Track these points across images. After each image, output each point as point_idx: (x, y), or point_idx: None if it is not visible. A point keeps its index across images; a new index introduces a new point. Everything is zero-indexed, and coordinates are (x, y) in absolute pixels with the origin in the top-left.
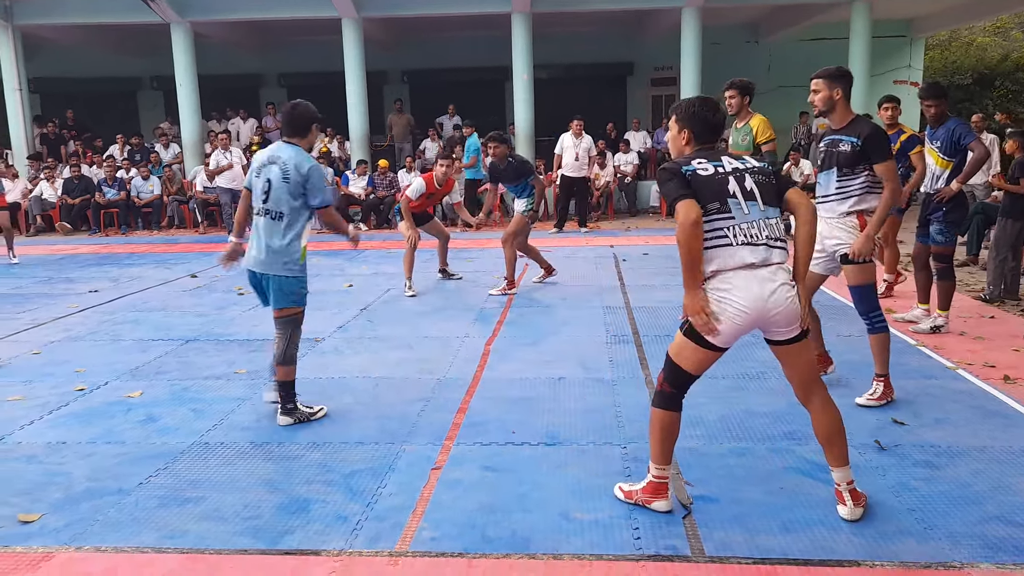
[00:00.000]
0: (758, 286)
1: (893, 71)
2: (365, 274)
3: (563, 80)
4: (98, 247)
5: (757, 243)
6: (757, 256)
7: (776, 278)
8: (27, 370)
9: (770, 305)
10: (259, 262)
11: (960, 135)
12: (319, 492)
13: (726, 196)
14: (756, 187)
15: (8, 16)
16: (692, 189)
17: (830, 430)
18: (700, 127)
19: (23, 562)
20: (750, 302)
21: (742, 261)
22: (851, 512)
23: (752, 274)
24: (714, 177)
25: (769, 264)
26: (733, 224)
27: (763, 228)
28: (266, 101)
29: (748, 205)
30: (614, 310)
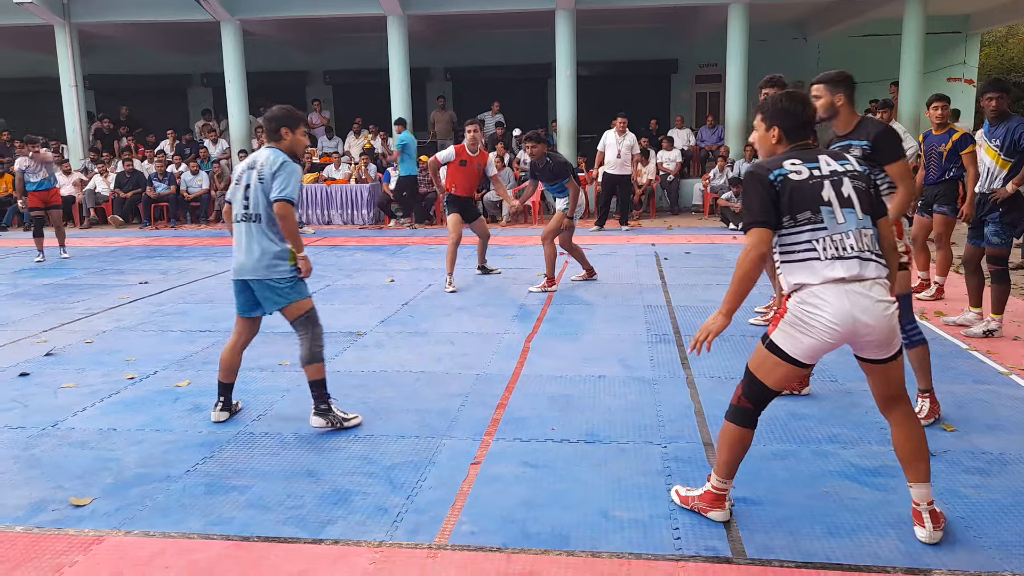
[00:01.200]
0: (849, 302)
1: (947, 68)
2: (406, 269)
3: (606, 77)
4: (148, 240)
5: (848, 256)
6: (849, 270)
7: (871, 294)
8: (80, 358)
9: (863, 323)
10: (246, 269)
11: (1021, 134)
12: (360, 484)
13: (819, 204)
14: (855, 193)
15: (66, 14)
16: (779, 200)
17: (911, 445)
18: (790, 123)
19: (75, 544)
20: (840, 319)
21: (831, 276)
22: (930, 535)
23: (844, 289)
24: (807, 182)
25: (863, 279)
26: (824, 236)
27: (858, 239)
28: (312, 98)
29: (844, 213)
30: (655, 309)
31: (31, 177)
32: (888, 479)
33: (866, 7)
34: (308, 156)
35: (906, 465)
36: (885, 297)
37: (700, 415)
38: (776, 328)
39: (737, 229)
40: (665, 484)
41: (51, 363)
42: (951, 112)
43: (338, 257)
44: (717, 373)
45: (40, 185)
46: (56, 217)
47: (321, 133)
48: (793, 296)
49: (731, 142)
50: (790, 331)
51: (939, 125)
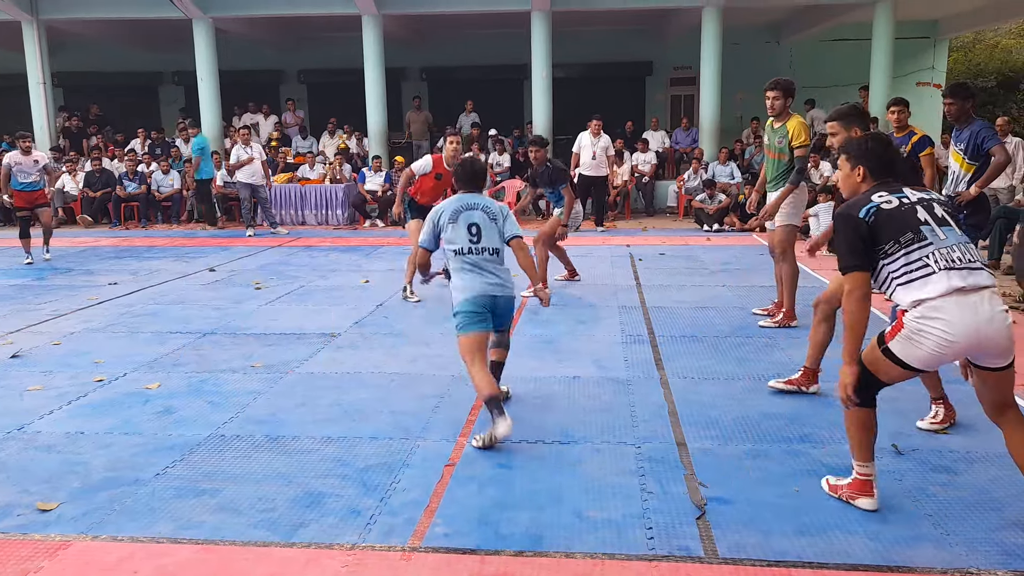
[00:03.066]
0: (972, 314)
1: (916, 73)
2: (382, 270)
3: (582, 79)
4: (118, 240)
5: (959, 267)
6: (965, 280)
7: (989, 304)
8: (47, 361)
9: (984, 334)
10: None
11: (983, 139)
12: (333, 486)
13: (918, 224)
14: (946, 214)
15: (33, 10)
16: (874, 236)
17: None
18: (874, 163)
19: (41, 550)
20: (960, 331)
21: (950, 287)
22: None
23: (964, 300)
24: (900, 208)
25: (980, 289)
26: (933, 250)
27: (964, 252)
28: (286, 97)
29: (943, 231)
30: (630, 310)
31: (20, 176)
32: None
33: (837, 12)
34: (282, 156)
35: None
36: (1002, 306)
37: (674, 415)
38: (894, 338)
39: (711, 231)
40: (639, 484)
41: (17, 365)
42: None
43: (312, 258)
44: (690, 374)
45: (28, 186)
46: (45, 216)
47: (295, 133)
48: (912, 311)
49: (705, 144)
50: (907, 343)
51: (899, 128)
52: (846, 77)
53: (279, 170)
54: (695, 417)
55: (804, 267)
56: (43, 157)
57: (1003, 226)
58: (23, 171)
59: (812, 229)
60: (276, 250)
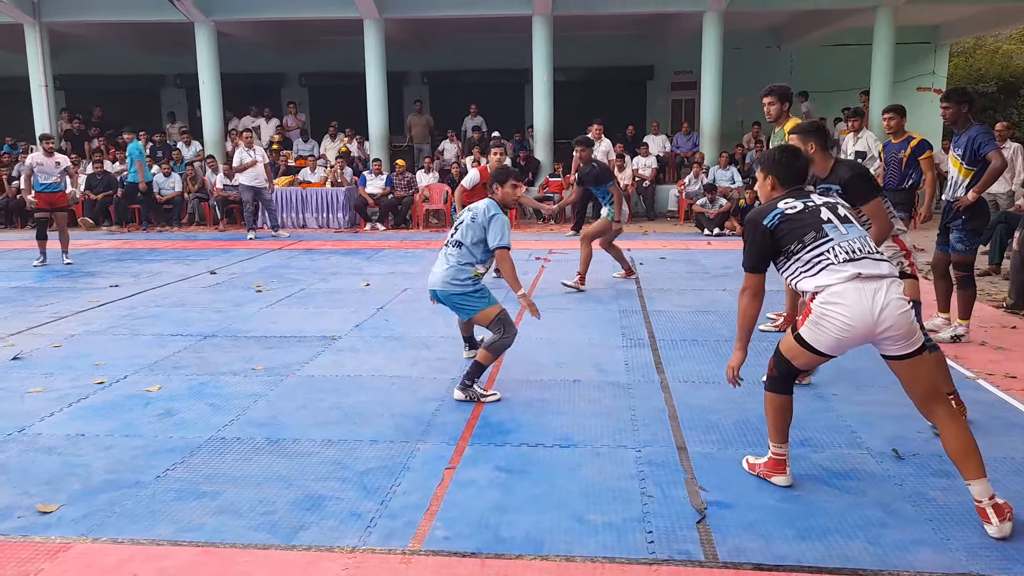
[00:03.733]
0: (869, 300)
1: (916, 78)
2: (383, 273)
3: (583, 83)
4: (119, 242)
5: (859, 257)
6: (864, 269)
7: (887, 293)
8: (48, 363)
9: (880, 319)
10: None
11: (980, 144)
12: (334, 489)
13: (821, 224)
14: (848, 213)
15: (36, 14)
16: (777, 241)
17: (957, 444)
18: (783, 173)
19: (41, 551)
20: (857, 315)
21: (849, 275)
22: (999, 529)
23: (862, 287)
24: (804, 211)
25: (879, 278)
26: (833, 244)
27: (863, 244)
28: (287, 100)
29: (845, 227)
30: (630, 314)
31: (41, 177)
32: (857, 482)
33: (838, 17)
34: (283, 159)
35: (959, 464)
36: (899, 294)
37: (674, 419)
38: (803, 324)
39: (712, 235)
40: (639, 488)
41: (18, 367)
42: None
43: (313, 261)
44: (691, 377)
45: (49, 187)
46: (60, 220)
47: (296, 136)
48: (817, 296)
49: (706, 149)
50: (814, 328)
51: (894, 134)
52: (847, 82)
53: (280, 173)
54: (695, 421)
55: None
56: (65, 160)
57: (1003, 231)
58: (44, 172)
59: None
60: (277, 253)
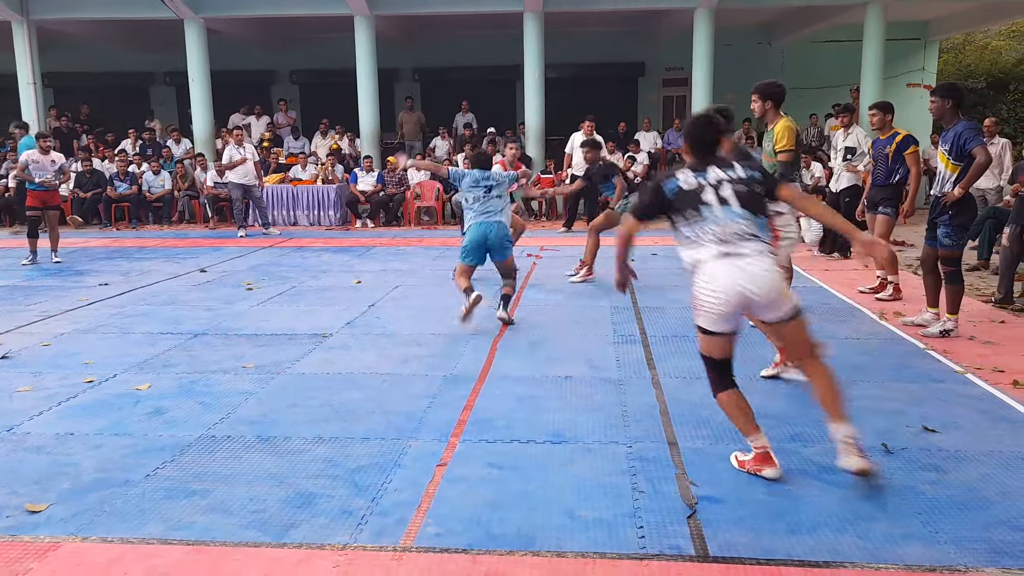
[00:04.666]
0: (737, 273)
1: (906, 74)
2: (374, 271)
3: (574, 79)
4: (109, 241)
5: (726, 239)
6: (730, 248)
7: (751, 266)
8: (36, 362)
9: (749, 289)
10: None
11: (966, 139)
12: (324, 487)
13: (699, 204)
14: (733, 195)
15: (24, 11)
16: (669, 204)
17: (822, 394)
18: (693, 142)
19: (30, 551)
20: (724, 286)
21: (715, 254)
22: (859, 463)
23: (728, 262)
24: (693, 190)
25: (741, 255)
26: (706, 225)
27: (737, 227)
28: (278, 98)
29: (722, 209)
30: (621, 310)
31: (36, 175)
32: (846, 476)
33: (829, 13)
34: (274, 156)
35: (826, 410)
36: (767, 267)
37: (665, 415)
38: (696, 315)
39: None
40: (630, 483)
41: (6, 366)
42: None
43: (304, 258)
44: (682, 373)
45: (42, 185)
46: (53, 219)
47: (287, 133)
48: (696, 277)
49: None
50: (699, 312)
51: (881, 129)
52: (837, 78)
53: (271, 171)
54: (686, 416)
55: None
56: (60, 158)
57: (992, 227)
58: (39, 170)
59: (803, 229)
60: (268, 251)
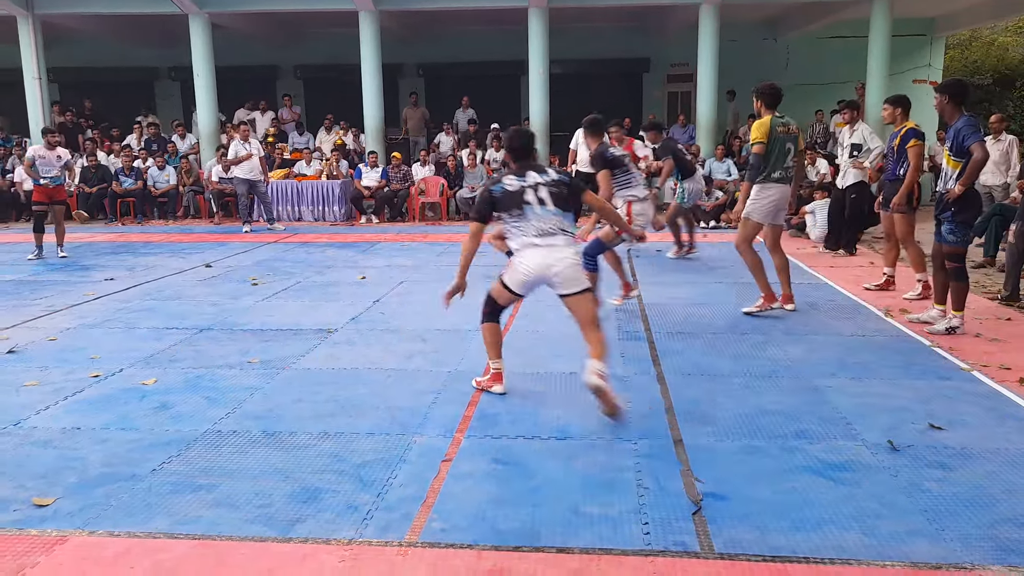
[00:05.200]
0: (541, 257)
1: (912, 70)
2: (379, 266)
3: (579, 75)
4: (114, 236)
5: (543, 232)
6: (542, 240)
7: (562, 253)
8: (43, 356)
9: (551, 269)
10: None
11: (964, 136)
12: (330, 482)
13: (522, 204)
14: (548, 196)
15: (29, 6)
16: (496, 205)
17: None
18: (511, 151)
19: (38, 545)
20: (533, 265)
21: (530, 243)
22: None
23: (538, 250)
24: (515, 191)
25: (552, 246)
26: (526, 222)
27: (548, 223)
28: (282, 93)
29: (539, 208)
30: (626, 307)
31: (42, 170)
32: (852, 474)
33: (834, 9)
34: (279, 152)
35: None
36: (566, 253)
37: (670, 411)
38: (505, 274)
39: (707, 227)
40: (635, 480)
41: (13, 360)
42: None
43: (309, 254)
44: (687, 370)
45: (49, 180)
46: (59, 213)
47: (292, 129)
48: (515, 254)
49: (702, 141)
50: (511, 273)
51: (894, 123)
52: (843, 74)
53: (275, 166)
54: (691, 413)
55: (800, 264)
56: (66, 154)
57: (998, 224)
58: (46, 165)
59: (808, 226)
60: (272, 246)
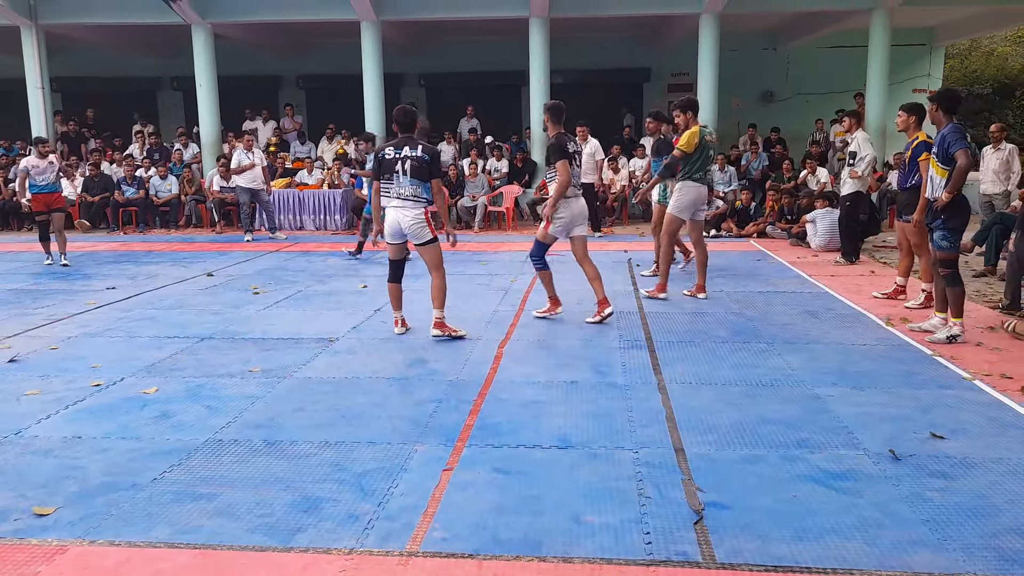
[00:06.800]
0: (399, 216)
1: (912, 79)
2: (379, 275)
3: (580, 85)
4: (116, 245)
5: (403, 196)
6: (402, 202)
7: (408, 213)
8: (44, 365)
9: (401, 224)
10: None
11: (949, 143)
12: (331, 491)
13: (393, 171)
14: (411, 168)
15: (33, 16)
16: (380, 165)
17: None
18: (397, 123)
19: (38, 554)
20: (393, 221)
21: (396, 204)
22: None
23: (398, 209)
24: (391, 158)
25: (405, 209)
26: (394, 186)
27: (407, 189)
28: (284, 103)
29: (402, 177)
30: (627, 315)
31: (38, 179)
32: (854, 483)
33: (835, 19)
34: (281, 161)
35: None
36: (416, 214)
37: (671, 420)
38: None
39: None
40: (637, 489)
41: (14, 369)
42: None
43: (310, 263)
44: (688, 379)
45: (45, 188)
46: (58, 221)
47: (294, 138)
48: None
49: None
50: (382, 231)
51: (906, 132)
52: (843, 83)
53: (277, 175)
54: (693, 422)
55: (801, 273)
56: (57, 159)
57: (999, 232)
58: (39, 174)
59: (809, 235)
60: (274, 255)
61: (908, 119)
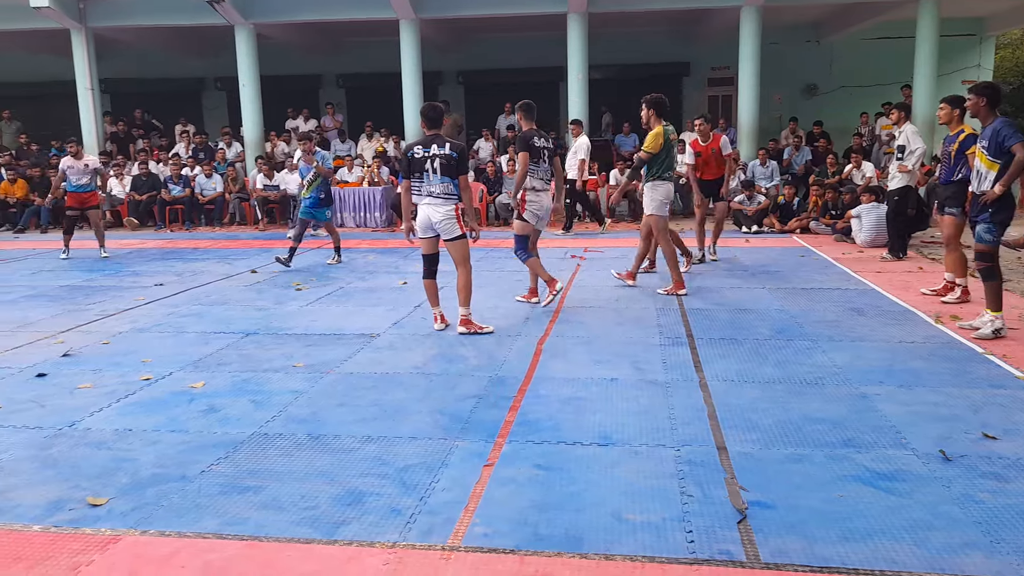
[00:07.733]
0: (430, 212)
1: (961, 71)
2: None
3: (618, 80)
4: (163, 242)
5: (433, 194)
6: (432, 199)
7: (439, 209)
8: (96, 359)
9: (432, 220)
10: None
11: (1004, 136)
12: (374, 485)
13: (423, 169)
14: (440, 166)
15: (82, 19)
16: (410, 163)
17: (462, 285)
18: (425, 120)
19: (92, 543)
20: (425, 216)
21: (425, 201)
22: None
23: (430, 206)
24: (420, 157)
25: (436, 205)
26: (424, 184)
27: (437, 187)
28: (325, 102)
29: (432, 175)
30: (667, 311)
31: (73, 179)
32: (903, 484)
33: (880, 10)
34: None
35: (459, 295)
36: (447, 210)
37: (713, 418)
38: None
39: (749, 232)
40: (678, 487)
41: (68, 364)
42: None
43: (351, 259)
44: (731, 376)
45: (80, 188)
46: (95, 217)
47: (334, 136)
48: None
49: (743, 145)
50: (415, 228)
51: (950, 125)
52: (889, 76)
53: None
54: (735, 420)
55: (846, 269)
56: (93, 161)
57: None
58: (75, 174)
59: (854, 230)
60: (316, 252)
61: (952, 112)
